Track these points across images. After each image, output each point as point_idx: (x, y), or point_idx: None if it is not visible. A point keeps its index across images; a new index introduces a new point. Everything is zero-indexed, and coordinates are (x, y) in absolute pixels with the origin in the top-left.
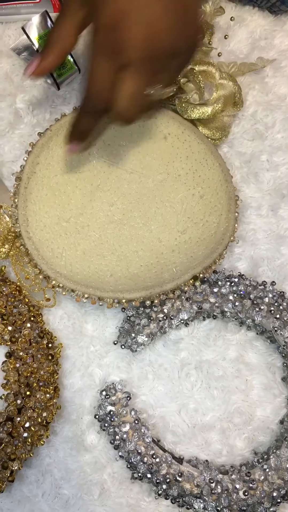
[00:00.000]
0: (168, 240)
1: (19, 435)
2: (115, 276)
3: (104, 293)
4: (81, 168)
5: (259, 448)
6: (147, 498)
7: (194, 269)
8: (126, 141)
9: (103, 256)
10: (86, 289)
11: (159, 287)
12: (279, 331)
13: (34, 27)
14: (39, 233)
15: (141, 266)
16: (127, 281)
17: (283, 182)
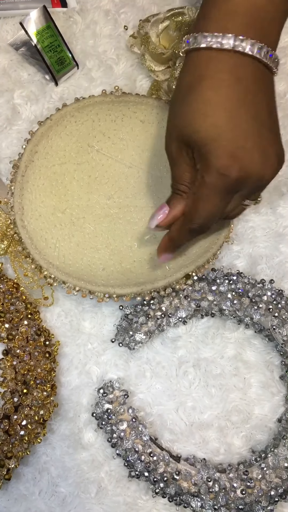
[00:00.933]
0: (162, 236)
1: (16, 433)
2: (108, 270)
3: (96, 287)
4: (80, 159)
5: (256, 446)
6: (144, 497)
7: (186, 267)
8: (127, 135)
9: (97, 250)
10: (77, 282)
11: (150, 284)
12: (277, 329)
13: (32, 22)
14: (34, 223)
15: (135, 262)
16: (120, 276)
17: (282, 180)
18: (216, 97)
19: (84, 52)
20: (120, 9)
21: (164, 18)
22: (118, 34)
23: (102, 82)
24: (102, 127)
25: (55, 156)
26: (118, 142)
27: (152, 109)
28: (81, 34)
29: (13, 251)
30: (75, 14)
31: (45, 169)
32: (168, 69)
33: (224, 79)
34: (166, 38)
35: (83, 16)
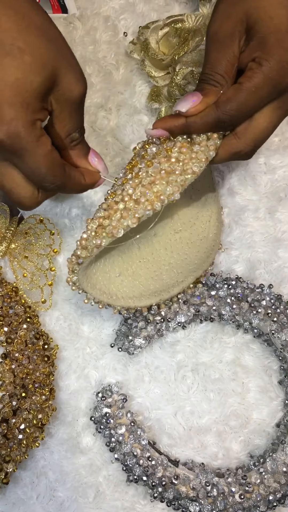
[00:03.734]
0: (161, 235)
1: (14, 437)
2: (122, 275)
3: (117, 301)
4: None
5: (255, 451)
6: (142, 501)
7: (195, 271)
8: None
9: (111, 247)
10: (100, 296)
11: (166, 292)
12: (276, 334)
13: None
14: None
15: (140, 262)
16: (132, 281)
17: (280, 185)
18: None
19: (84, 57)
20: (120, 16)
21: (163, 25)
22: (118, 40)
23: (102, 87)
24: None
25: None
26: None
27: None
28: (81, 40)
29: (12, 252)
30: (75, 20)
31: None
32: (168, 75)
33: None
34: (165, 45)
35: (83, 22)
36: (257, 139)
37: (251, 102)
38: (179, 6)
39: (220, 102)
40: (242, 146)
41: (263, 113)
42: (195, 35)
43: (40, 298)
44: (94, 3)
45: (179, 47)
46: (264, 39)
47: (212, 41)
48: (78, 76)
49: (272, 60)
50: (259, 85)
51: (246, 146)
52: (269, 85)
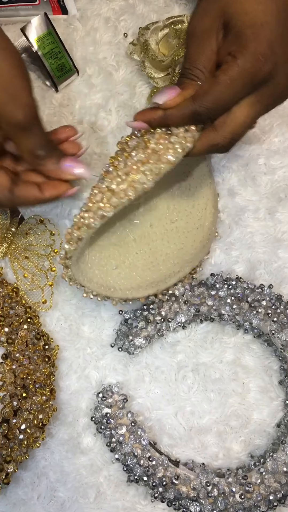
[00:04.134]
0: (157, 226)
1: (15, 437)
2: (119, 268)
3: (115, 293)
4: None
5: (255, 451)
6: (143, 501)
7: (191, 262)
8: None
9: (108, 239)
10: (97, 288)
11: (163, 283)
12: (276, 334)
13: (33, 29)
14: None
15: (137, 254)
16: (129, 273)
17: (280, 185)
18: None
19: (85, 58)
20: (120, 17)
21: (163, 26)
22: (118, 41)
23: (102, 88)
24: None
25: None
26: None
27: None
28: (81, 41)
29: (12, 252)
30: (75, 21)
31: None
32: (168, 76)
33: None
34: (165, 46)
35: (83, 23)
36: (235, 132)
37: (227, 95)
38: (178, 7)
39: (196, 95)
40: (219, 139)
41: (241, 106)
42: None
43: (41, 298)
44: (94, 4)
45: (178, 48)
46: (240, 33)
47: (191, 37)
48: (17, 105)
49: (246, 53)
50: (234, 78)
51: (223, 139)
52: (244, 77)
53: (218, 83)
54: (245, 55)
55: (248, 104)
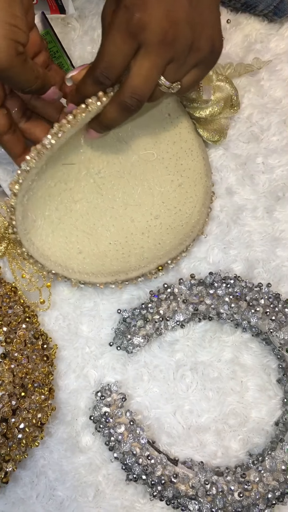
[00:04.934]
0: (139, 221)
1: (14, 436)
2: (84, 252)
3: (72, 274)
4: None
5: (254, 449)
6: (141, 500)
7: (160, 259)
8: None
9: (76, 227)
10: (54, 267)
11: (124, 274)
12: (274, 332)
13: None
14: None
15: (110, 244)
16: (95, 260)
17: (278, 184)
18: None
19: (82, 57)
20: None
21: None
22: None
23: None
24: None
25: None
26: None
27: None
28: (79, 40)
29: (11, 252)
30: (73, 21)
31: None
32: None
33: None
34: None
35: (81, 23)
36: (135, 86)
37: (109, 49)
38: None
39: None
40: (125, 97)
41: (136, 60)
42: None
43: (39, 299)
44: (92, 4)
45: None
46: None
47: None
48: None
49: (119, 7)
50: (111, 30)
51: (129, 97)
52: (118, 27)
53: (102, 42)
54: (118, 9)
55: (142, 56)
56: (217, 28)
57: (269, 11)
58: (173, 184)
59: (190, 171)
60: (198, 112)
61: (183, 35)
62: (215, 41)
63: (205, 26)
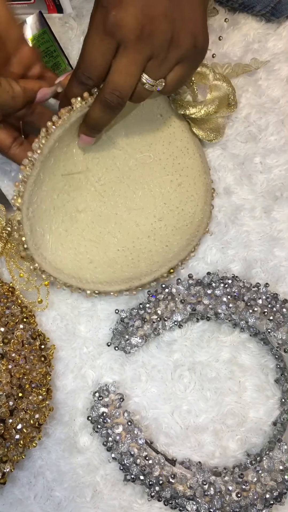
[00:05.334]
0: (144, 224)
1: (11, 437)
2: (95, 262)
3: (86, 285)
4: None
5: (252, 449)
6: (139, 500)
7: (170, 261)
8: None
9: (83, 237)
10: (68, 279)
11: (137, 280)
12: (272, 332)
13: (29, 27)
14: (35, 209)
15: (118, 251)
16: (106, 268)
17: (276, 184)
18: None
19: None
20: None
21: None
22: None
23: None
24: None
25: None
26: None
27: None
28: (77, 40)
29: (8, 251)
30: (71, 20)
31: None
32: None
33: None
34: None
35: (78, 22)
36: (114, 82)
37: (88, 49)
38: None
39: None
40: (106, 95)
41: (116, 58)
42: None
43: (37, 298)
44: (89, 3)
45: None
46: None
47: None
48: None
49: (97, 7)
50: (89, 32)
51: (109, 94)
52: (95, 27)
53: (83, 44)
54: (95, 10)
55: (121, 54)
56: (200, 24)
57: (266, 12)
58: (173, 184)
59: (188, 169)
60: (190, 112)
61: (160, 30)
62: (197, 37)
63: (186, 21)
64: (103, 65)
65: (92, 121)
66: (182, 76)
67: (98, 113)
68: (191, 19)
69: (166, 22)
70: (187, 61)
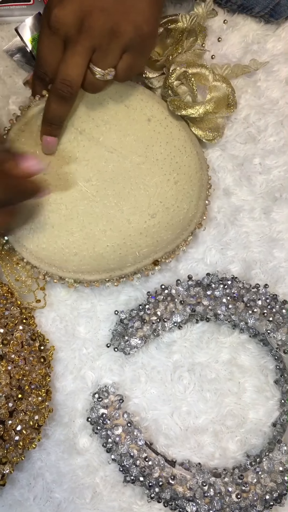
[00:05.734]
0: (137, 222)
1: (11, 438)
2: (80, 254)
3: (66, 273)
4: (61, 140)
5: (251, 450)
6: (139, 502)
7: (156, 253)
8: (110, 118)
9: (72, 233)
10: (49, 268)
11: (119, 270)
12: (271, 333)
13: (28, 28)
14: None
15: (108, 247)
16: (91, 261)
17: (275, 185)
18: None
19: None
20: None
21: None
22: None
23: None
24: (88, 108)
25: (38, 135)
26: (101, 124)
27: (137, 94)
28: None
29: (3, 257)
30: None
31: (28, 147)
32: (162, 76)
33: None
34: (160, 45)
35: None
36: (63, 72)
37: (40, 46)
38: (173, 7)
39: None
40: (57, 85)
41: (64, 53)
42: (189, 35)
43: (35, 298)
44: None
45: (173, 48)
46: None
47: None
48: None
49: (47, 7)
50: (40, 33)
51: (59, 84)
52: (43, 26)
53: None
54: (46, 11)
55: (67, 48)
56: (145, 14)
57: (265, 13)
58: (169, 182)
59: (185, 167)
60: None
61: (98, 23)
62: (141, 26)
63: (128, 12)
64: (54, 60)
65: (49, 114)
66: (131, 64)
67: (53, 105)
68: (134, 10)
69: (103, 15)
70: (133, 50)
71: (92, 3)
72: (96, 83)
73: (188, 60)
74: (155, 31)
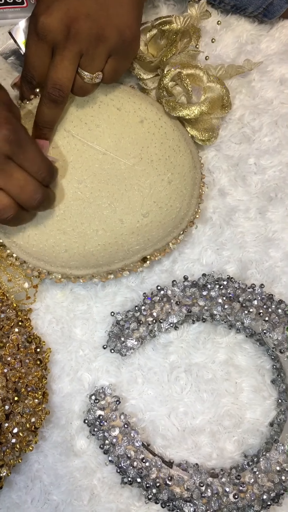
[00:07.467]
0: (130, 222)
1: (7, 441)
2: (70, 252)
3: (54, 268)
4: (55, 143)
5: (249, 450)
6: (137, 503)
7: (145, 250)
8: (103, 122)
9: (64, 232)
10: (37, 262)
11: (106, 266)
12: (268, 333)
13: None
14: None
15: (99, 245)
16: (81, 258)
17: (270, 185)
18: None
19: None
20: None
21: (151, 27)
22: None
23: None
24: (80, 113)
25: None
26: (94, 128)
27: (128, 97)
28: None
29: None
30: None
31: None
32: (156, 77)
33: None
34: (154, 47)
35: None
36: (53, 77)
37: (28, 52)
38: (167, 8)
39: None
40: (48, 89)
41: (52, 58)
42: (183, 37)
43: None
44: None
45: (167, 49)
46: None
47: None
48: None
49: (32, 15)
50: (27, 39)
51: (50, 88)
52: (31, 33)
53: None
54: (31, 17)
55: (55, 53)
56: (128, 19)
57: (258, 13)
58: (163, 182)
59: (179, 166)
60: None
61: (84, 29)
62: (123, 31)
63: (112, 18)
64: (42, 66)
65: (41, 118)
66: (116, 67)
67: (45, 109)
68: (117, 15)
69: (89, 20)
70: (117, 54)
71: (78, 9)
72: (85, 87)
73: (182, 61)
74: (137, 35)
